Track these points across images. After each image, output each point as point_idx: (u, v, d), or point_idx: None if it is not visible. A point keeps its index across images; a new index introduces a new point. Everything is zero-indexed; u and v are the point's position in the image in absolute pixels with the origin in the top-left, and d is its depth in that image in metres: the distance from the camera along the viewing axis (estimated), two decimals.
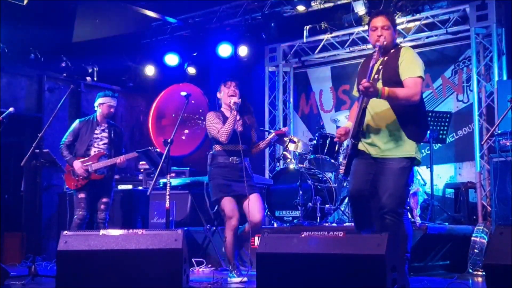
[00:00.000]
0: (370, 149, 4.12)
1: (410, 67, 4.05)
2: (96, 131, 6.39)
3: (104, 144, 6.40)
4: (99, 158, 6.33)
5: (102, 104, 6.43)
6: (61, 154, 6.38)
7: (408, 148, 4.06)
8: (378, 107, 4.09)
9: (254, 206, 5.26)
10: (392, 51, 4.14)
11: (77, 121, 6.48)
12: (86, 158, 6.30)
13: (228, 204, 5.27)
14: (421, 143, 4.21)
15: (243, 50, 9.17)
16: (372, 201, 4.12)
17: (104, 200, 6.36)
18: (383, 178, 4.04)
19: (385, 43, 4.10)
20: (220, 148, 5.35)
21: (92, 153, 6.34)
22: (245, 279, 5.17)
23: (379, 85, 3.96)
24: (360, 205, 4.17)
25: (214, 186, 5.35)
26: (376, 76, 4.02)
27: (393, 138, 4.07)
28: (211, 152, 5.44)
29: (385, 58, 4.13)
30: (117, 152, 6.43)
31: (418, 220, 6.00)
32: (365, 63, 4.32)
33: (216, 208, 6.29)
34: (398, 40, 4.16)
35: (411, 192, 5.89)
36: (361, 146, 4.14)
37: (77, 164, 6.24)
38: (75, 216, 6.25)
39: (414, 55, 4.14)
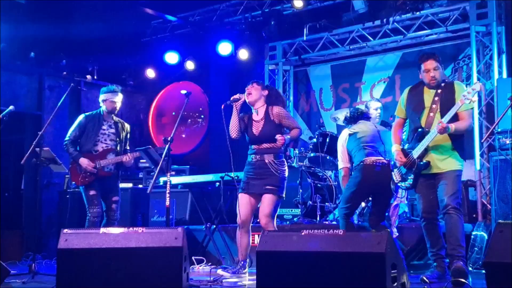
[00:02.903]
0: (427, 168, 4.83)
1: (466, 101, 4.67)
2: (103, 127, 6.19)
3: (111, 140, 6.20)
4: (107, 154, 6.14)
5: (104, 101, 6.22)
6: (66, 150, 6.16)
7: (458, 163, 4.84)
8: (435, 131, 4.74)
9: (261, 209, 5.33)
10: (443, 84, 4.88)
11: (82, 116, 6.25)
12: (94, 154, 6.10)
13: (240, 200, 5.38)
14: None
15: (243, 54, 9.18)
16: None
17: (115, 198, 6.16)
18: (442, 184, 4.78)
19: (437, 81, 4.86)
20: (250, 147, 5.46)
21: (100, 149, 6.13)
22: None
23: (438, 115, 4.77)
24: (431, 222, 4.90)
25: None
26: (434, 106, 4.81)
27: (448, 156, 4.81)
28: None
29: (439, 90, 4.85)
30: (123, 148, 6.29)
31: (395, 231, 6.05)
32: (414, 91, 5.04)
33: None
34: (397, 38, 4.35)
35: (393, 204, 6.02)
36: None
37: (84, 161, 6.02)
38: (89, 214, 6.02)
39: (465, 89, 4.78)
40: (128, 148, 6.41)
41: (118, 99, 6.26)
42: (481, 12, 7.66)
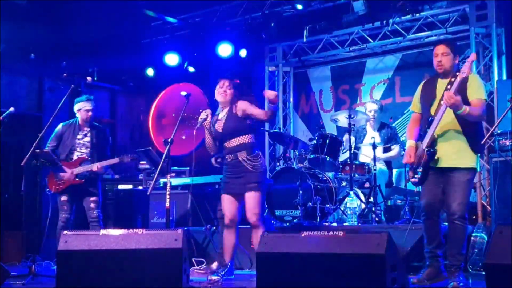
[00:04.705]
0: (436, 160, 4.65)
1: (479, 90, 4.65)
2: (78, 136, 6.42)
3: (86, 148, 6.42)
4: (81, 163, 6.35)
5: (78, 110, 6.47)
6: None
7: (471, 159, 4.65)
8: (445, 120, 4.59)
9: (248, 207, 5.26)
10: (457, 73, 4.61)
11: (60, 125, 6.49)
12: (68, 162, 6.33)
13: (223, 201, 5.37)
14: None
15: (243, 52, 9.22)
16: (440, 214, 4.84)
17: (92, 199, 6.35)
18: (452, 189, 4.62)
19: (444, 67, 4.71)
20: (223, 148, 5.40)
21: (74, 157, 6.36)
22: (216, 277, 5.17)
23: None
24: (432, 218, 4.78)
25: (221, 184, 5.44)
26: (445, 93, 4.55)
27: (458, 149, 4.62)
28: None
29: (452, 79, 4.62)
30: (100, 155, 6.44)
31: None
32: (428, 83, 4.90)
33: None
34: (397, 40, 4.29)
35: None
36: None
37: (67, 172, 6.27)
38: (59, 219, 6.30)
39: (480, 80, 4.79)
40: (109, 152, 6.59)
41: (92, 107, 6.49)
42: (480, 13, 7.66)
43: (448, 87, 4.60)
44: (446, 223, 4.85)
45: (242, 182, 5.21)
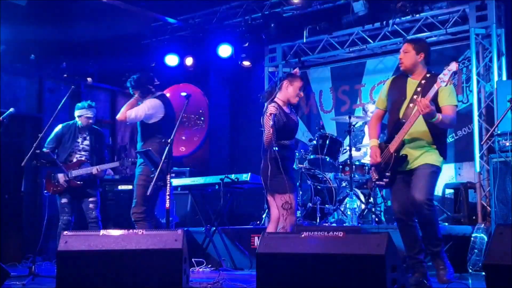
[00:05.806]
0: (404, 163, 4.57)
1: (450, 96, 4.56)
2: (78, 140, 6.49)
3: (85, 151, 6.48)
4: (80, 165, 6.40)
5: (79, 117, 6.53)
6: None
7: (436, 158, 4.56)
8: (415, 127, 4.48)
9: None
10: (428, 75, 4.59)
11: (59, 126, 6.52)
12: (68, 164, 6.37)
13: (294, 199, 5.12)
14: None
15: (246, 63, 9.23)
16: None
17: (91, 199, 6.41)
18: (415, 179, 4.51)
19: (404, 65, 4.66)
20: (288, 143, 5.05)
21: (74, 159, 6.41)
22: None
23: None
24: (407, 223, 4.64)
25: (287, 180, 4.94)
26: (415, 97, 4.51)
27: (425, 152, 4.55)
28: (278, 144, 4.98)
29: (422, 81, 4.57)
30: (98, 158, 6.51)
31: None
32: (396, 81, 4.79)
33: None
34: (397, 41, 4.26)
35: None
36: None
37: (60, 175, 6.32)
38: (60, 222, 6.34)
39: (452, 86, 4.61)
40: (106, 153, 6.68)
41: (93, 115, 6.57)
42: (480, 14, 7.66)
43: (418, 89, 4.53)
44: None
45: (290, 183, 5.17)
